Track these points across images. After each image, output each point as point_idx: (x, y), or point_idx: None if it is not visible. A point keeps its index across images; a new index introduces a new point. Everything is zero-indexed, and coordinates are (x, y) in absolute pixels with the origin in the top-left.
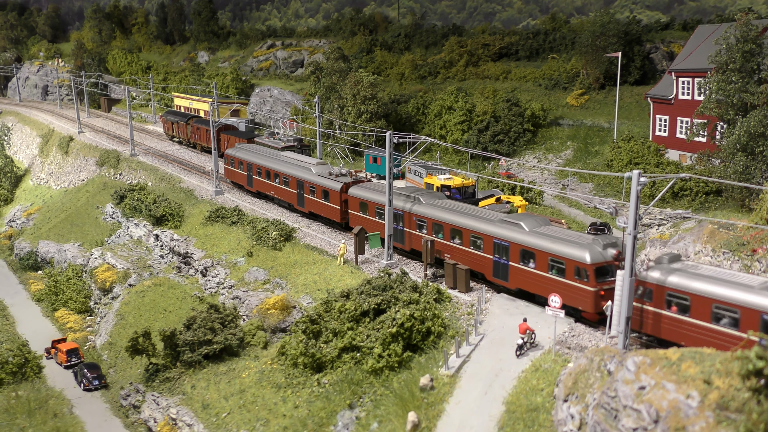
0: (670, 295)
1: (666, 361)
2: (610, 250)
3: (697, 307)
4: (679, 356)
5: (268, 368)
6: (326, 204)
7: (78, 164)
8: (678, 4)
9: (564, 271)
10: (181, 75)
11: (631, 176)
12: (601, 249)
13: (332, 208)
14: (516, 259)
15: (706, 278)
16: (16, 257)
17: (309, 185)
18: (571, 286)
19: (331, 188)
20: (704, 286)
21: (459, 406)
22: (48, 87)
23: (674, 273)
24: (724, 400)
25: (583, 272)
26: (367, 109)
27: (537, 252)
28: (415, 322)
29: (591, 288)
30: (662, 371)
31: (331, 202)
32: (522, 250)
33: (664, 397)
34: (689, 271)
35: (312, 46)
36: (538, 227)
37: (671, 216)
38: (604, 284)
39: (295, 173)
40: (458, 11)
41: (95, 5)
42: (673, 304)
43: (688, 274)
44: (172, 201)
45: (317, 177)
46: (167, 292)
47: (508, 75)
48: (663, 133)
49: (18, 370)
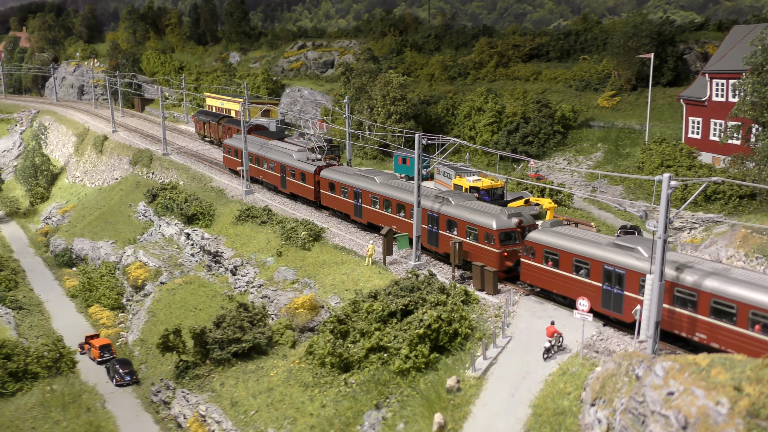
0: (546, 252)
1: (695, 367)
2: (513, 219)
3: (564, 261)
4: (708, 362)
5: (296, 367)
6: (303, 185)
7: (112, 163)
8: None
9: (477, 237)
10: (213, 75)
11: (662, 180)
12: (506, 218)
13: (308, 188)
14: (444, 228)
15: (571, 238)
16: (52, 254)
17: (290, 169)
18: (482, 248)
19: (307, 171)
20: (568, 244)
21: (485, 409)
22: (84, 87)
23: (551, 234)
24: (754, 407)
25: (490, 237)
26: (397, 110)
27: (458, 221)
28: (443, 324)
29: (496, 250)
30: (691, 377)
31: (306, 183)
32: (447, 220)
33: (693, 404)
34: (561, 233)
35: (342, 46)
36: (463, 201)
37: (703, 220)
38: (508, 247)
39: (279, 159)
40: (489, 12)
41: (130, 6)
42: (549, 259)
43: (560, 235)
44: (203, 200)
45: (296, 161)
46: (197, 291)
47: (539, 76)
48: (696, 136)
49: (53, 365)
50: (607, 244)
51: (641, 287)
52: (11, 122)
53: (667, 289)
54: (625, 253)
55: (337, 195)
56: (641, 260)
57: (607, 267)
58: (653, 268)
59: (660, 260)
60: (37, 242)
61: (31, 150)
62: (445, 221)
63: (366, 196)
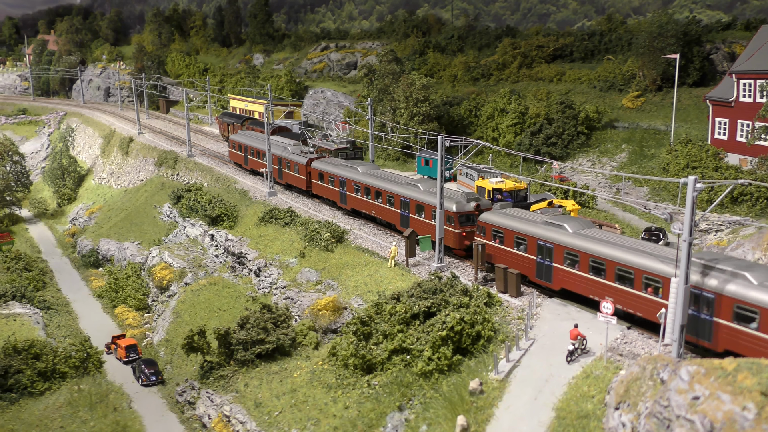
0: (494, 231)
1: (721, 372)
2: (472, 203)
3: (507, 238)
4: (734, 367)
5: (319, 368)
6: (296, 175)
7: (137, 164)
8: (740, 4)
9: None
10: (237, 77)
11: (687, 182)
12: (465, 202)
13: (300, 178)
14: (414, 212)
15: (513, 218)
16: (79, 254)
17: (285, 161)
18: (445, 230)
19: (299, 162)
20: (510, 223)
21: (508, 411)
22: (110, 89)
23: (498, 215)
24: None
25: (451, 219)
26: (420, 111)
27: (425, 205)
28: (465, 326)
29: (456, 230)
30: (717, 381)
31: (299, 173)
32: (417, 205)
33: (718, 408)
34: (507, 214)
35: (365, 48)
36: (431, 188)
37: (730, 222)
38: (466, 228)
39: (276, 152)
40: (512, 12)
41: (155, 9)
42: (497, 237)
43: (505, 215)
44: (227, 201)
45: (291, 154)
46: (221, 291)
47: (562, 77)
48: (722, 137)
49: (80, 365)
50: (541, 222)
51: (565, 260)
52: (39, 124)
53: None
54: (554, 230)
55: (326, 184)
56: (567, 236)
57: (540, 242)
58: (678, 272)
59: (685, 264)
60: (64, 243)
61: (59, 152)
62: (415, 206)
63: (350, 185)
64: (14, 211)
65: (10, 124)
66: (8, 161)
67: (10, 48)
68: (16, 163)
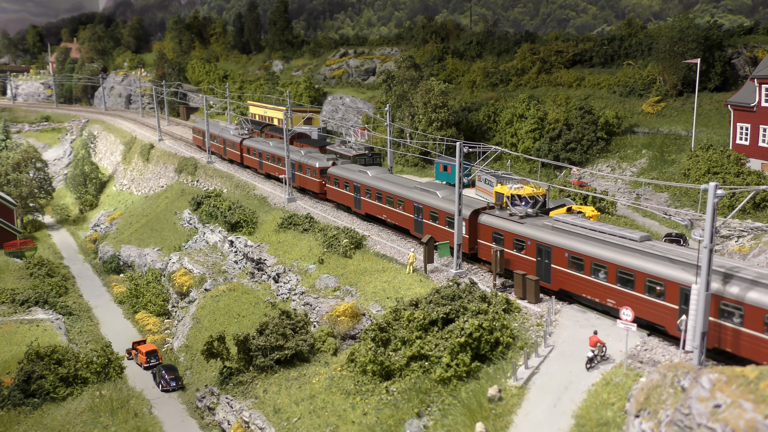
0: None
1: (743, 380)
2: (330, 161)
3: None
4: (757, 374)
5: (338, 375)
6: (310, 179)
7: (158, 171)
8: (763, 8)
9: (310, 173)
10: (257, 83)
11: (708, 188)
12: (325, 161)
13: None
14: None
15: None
16: (100, 260)
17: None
18: (311, 180)
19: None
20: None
21: (527, 419)
22: (131, 96)
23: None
24: None
25: (315, 172)
26: (438, 117)
27: (304, 166)
28: (484, 332)
29: (318, 180)
30: (739, 389)
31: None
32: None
33: (740, 417)
34: (491, 214)
35: (384, 54)
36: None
37: (752, 228)
38: (324, 179)
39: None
40: (531, 18)
41: (176, 17)
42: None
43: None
44: (246, 208)
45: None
46: (241, 297)
47: (582, 82)
48: (744, 142)
49: (102, 370)
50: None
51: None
52: (62, 131)
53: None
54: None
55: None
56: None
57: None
58: (699, 279)
59: (706, 271)
60: (86, 249)
61: (81, 158)
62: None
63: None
64: (37, 217)
65: (34, 131)
66: (31, 168)
67: (34, 56)
68: (39, 169)
